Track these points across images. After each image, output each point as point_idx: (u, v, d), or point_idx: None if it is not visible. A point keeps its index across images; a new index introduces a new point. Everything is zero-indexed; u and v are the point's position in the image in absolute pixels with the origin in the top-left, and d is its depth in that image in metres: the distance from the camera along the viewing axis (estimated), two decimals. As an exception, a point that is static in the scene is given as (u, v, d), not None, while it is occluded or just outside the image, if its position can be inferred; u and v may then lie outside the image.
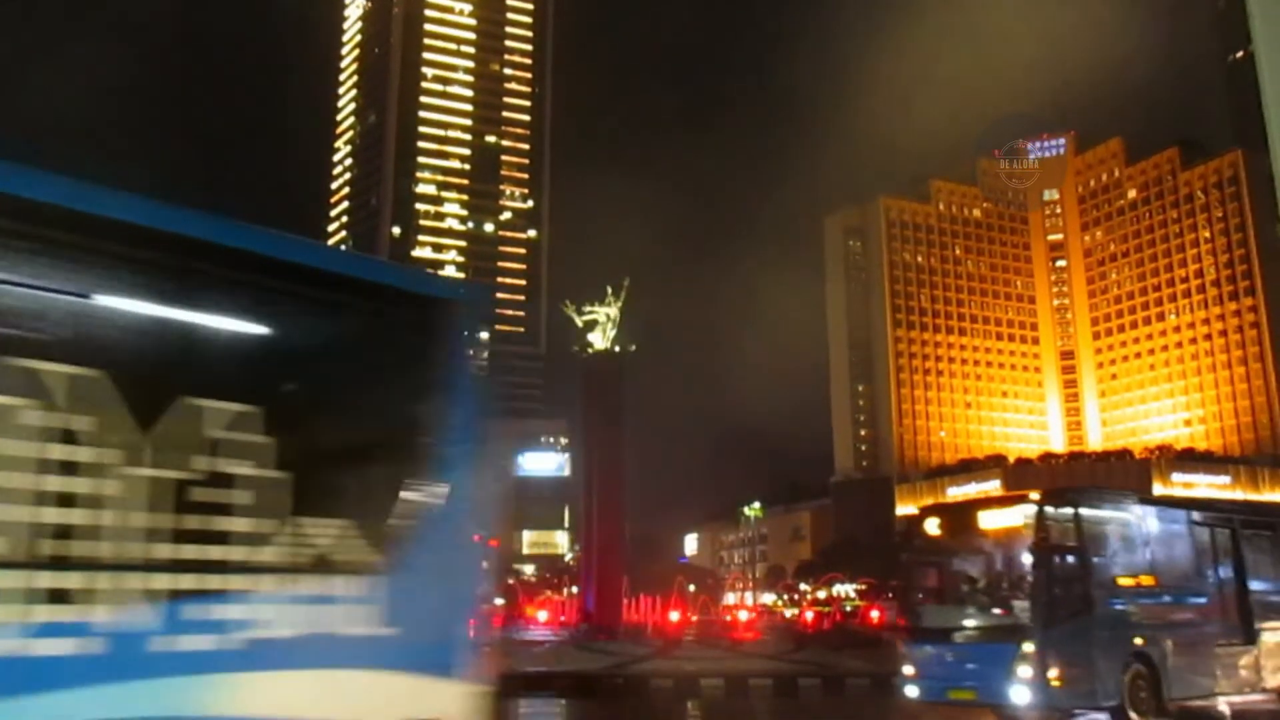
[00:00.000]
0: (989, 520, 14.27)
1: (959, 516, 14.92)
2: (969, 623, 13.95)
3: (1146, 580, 14.56)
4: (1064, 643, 12.93)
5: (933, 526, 14.97)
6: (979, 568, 14.66)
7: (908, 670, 14.18)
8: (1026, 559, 13.18)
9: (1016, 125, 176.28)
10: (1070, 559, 13.44)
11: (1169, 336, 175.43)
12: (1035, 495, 13.50)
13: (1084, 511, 13.82)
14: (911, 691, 14.04)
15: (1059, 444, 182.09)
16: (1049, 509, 13.32)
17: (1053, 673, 12.66)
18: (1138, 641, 13.75)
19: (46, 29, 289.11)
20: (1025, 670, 12.65)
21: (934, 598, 15.14)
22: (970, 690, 13.44)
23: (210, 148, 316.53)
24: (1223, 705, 15.56)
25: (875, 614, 51.72)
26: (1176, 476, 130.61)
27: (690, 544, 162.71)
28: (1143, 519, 14.91)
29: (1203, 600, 15.39)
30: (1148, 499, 15.30)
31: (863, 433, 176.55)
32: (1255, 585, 16.11)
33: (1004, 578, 14.07)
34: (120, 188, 5.48)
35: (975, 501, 15.08)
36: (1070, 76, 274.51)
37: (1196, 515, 16.07)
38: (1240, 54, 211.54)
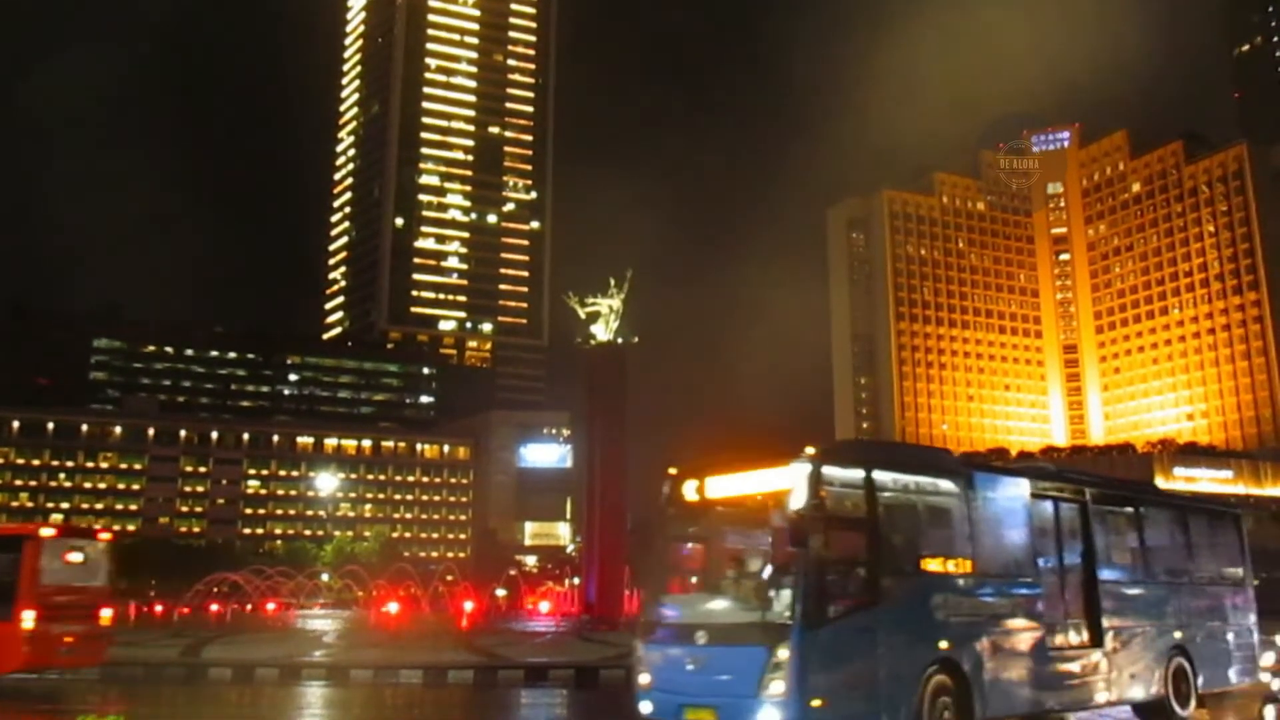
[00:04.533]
0: (755, 483, 10.88)
1: (721, 478, 11.18)
2: (716, 618, 10.60)
3: (961, 565, 11.37)
4: (835, 647, 9.81)
5: (690, 491, 11.30)
6: (743, 545, 11.45)
7: (643, 679, 10.81)
8: (792, 534, 9.89)
9: (1020, 119, 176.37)
10: (852, 535, 10.32)
11: (1172, 330, 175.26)
12: (811, 450, 10.18)
13: (879, 476, 10.67)
14: (645, 707, 10.71)
15: (1061, 437, 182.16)
16: (830, 470, 10.17)
17: (816, 686, 9.57)
18: (943, 645, 10.68)
19: (52, 15, 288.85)
20: (777, 684, 9.50)
21: (683, 584, 11.69)
22: (709, 709, 10.14)
23: (214, 138, 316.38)
24: None
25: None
26: (1179, 470, 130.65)
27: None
28: (963, 488, 11.59)
29: (1037, 591, 12.09)
30: (974, 463, 12.41)
31: (865, 425, 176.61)
32: (1107, 574, 13.17)
33: (769, 559, 10.76)
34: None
35: (741, 458, 11.24)
36: (1075, 69, 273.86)
37: (1036, 486, 12.73)
38: (1246, 47, 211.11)
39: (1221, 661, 14.91)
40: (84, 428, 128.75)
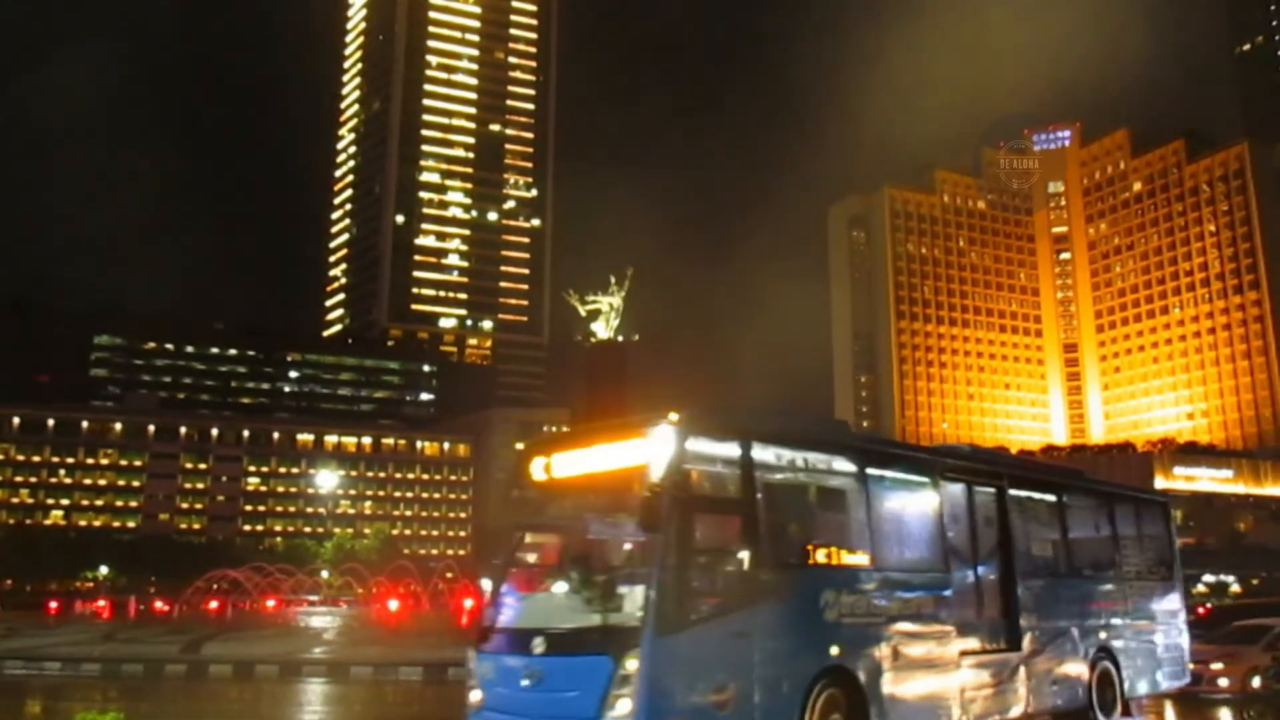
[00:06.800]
0: (610, 457, 8.93)
1: (573, 453, 9.41)
2: (557, 622, 8.62)
3: (856, 558, 9.68)
4: (698, 655, 8.05)
5: (539, 469, 9.46)
6: (598, 533, 9.57)
7: (473, 696, 8.97)
8: (647, 517, 8.03)
9: (1021, 117, 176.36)
10: (723, 520, 8.73)
11: (1172, 330, 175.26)
12: (675, 417, 8.34)
13: (760, 451, 8.89)
14: None
15: (1061, 436, 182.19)
16: (698, 442, 8.48)
17: (673, 705, 7.83)
18: (834, 652, 9.01)
19: (51, 12, 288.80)
20: (623, 702, 7.73)
21: (528, 581, 9.65)
22: None
23: (215, 136, 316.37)
24: None
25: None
26: (1179, 470, 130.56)
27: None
28: (861, 468, 9.95)
29: (946, 589, 10.49)
30: (877, 439, 10.61)
31: (865, 424, 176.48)
32: (1026, 569, 11.69)
33: (622, 549, 9.27)
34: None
35: (596, 429, 9.77)
36: (1076, 68, 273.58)
37: (946, 468, 11.20)
38: (1247, 45, 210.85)
39: (1150, 664, 13.73)
40: (84, 424, 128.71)
